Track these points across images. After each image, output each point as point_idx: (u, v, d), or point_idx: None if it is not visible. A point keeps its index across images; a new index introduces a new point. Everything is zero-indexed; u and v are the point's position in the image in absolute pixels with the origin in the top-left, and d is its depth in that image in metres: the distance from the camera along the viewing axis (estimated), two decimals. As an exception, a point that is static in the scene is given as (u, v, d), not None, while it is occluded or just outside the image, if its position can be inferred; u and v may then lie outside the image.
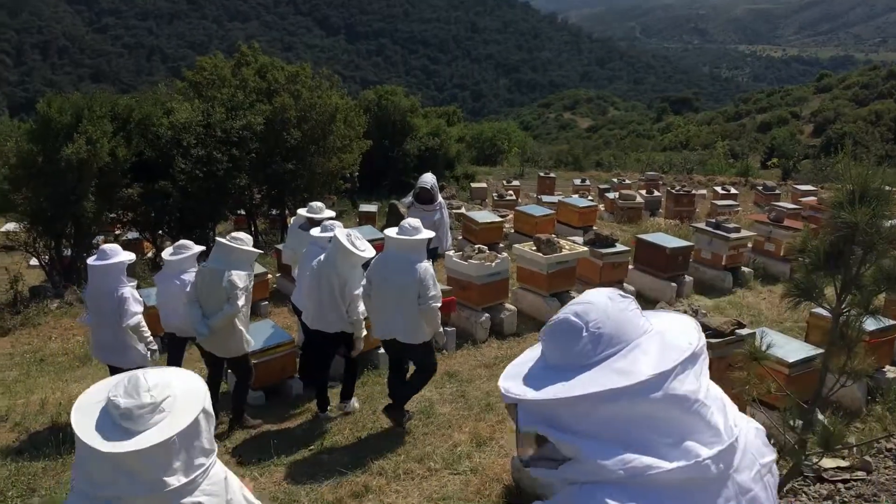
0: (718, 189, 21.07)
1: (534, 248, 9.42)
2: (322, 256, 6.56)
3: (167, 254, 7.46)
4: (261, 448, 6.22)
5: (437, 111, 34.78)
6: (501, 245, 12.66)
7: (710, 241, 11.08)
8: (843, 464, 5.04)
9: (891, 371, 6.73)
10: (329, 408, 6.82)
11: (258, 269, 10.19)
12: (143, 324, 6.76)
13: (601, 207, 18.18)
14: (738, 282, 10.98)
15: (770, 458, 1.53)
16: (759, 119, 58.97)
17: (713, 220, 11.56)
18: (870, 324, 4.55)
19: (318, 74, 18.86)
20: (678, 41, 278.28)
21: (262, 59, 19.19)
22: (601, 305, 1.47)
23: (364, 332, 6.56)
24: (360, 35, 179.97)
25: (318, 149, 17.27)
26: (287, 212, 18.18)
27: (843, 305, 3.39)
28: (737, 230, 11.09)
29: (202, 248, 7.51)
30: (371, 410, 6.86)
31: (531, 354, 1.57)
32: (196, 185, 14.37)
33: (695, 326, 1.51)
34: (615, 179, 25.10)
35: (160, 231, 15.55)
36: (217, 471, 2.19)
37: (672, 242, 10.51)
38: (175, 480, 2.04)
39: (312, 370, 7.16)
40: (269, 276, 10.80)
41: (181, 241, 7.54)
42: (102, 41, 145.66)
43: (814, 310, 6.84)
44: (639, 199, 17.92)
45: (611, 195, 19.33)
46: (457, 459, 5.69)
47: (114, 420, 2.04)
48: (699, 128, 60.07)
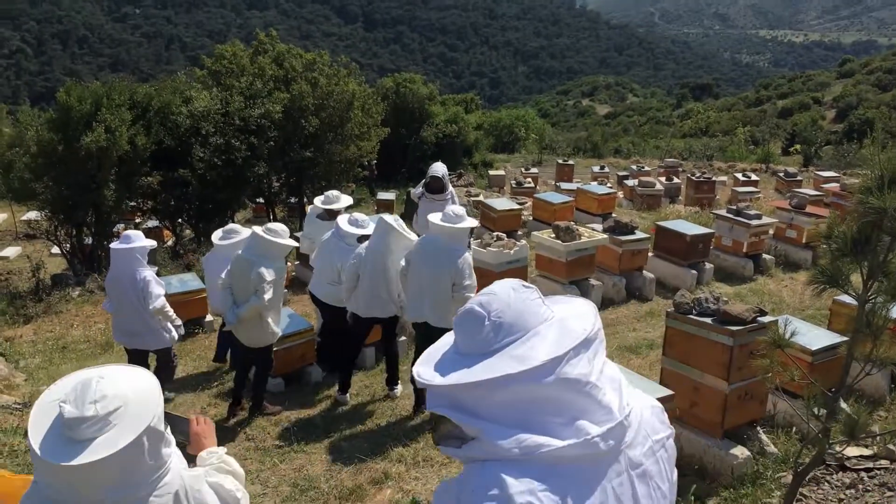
0: (739, 176, 20.88)
1: (552, 236, 9.37)
2: (365, 246, 6.60)
3: (216, 238, 7.60)
4: (281, 435, 6.25)
5: (455, 99, 34.71)
6: (520, 232, 12.62)
7: (731, 228, 10.98)
8: (867, 452, 4.98)
9: (915, 359, 6.63)
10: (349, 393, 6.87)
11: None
12: (168, 305, 6.81)
13: (620, 195, 18.06)
14: (760, 269, 10.87)
15: (664, 435, 1.62)
16: (780, 105, 58.41)
17: (734, 207, 11.45)
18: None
19: (336, 62, 18.84)
20: (698, 26, 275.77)
21: (280, 48, 19.20)
22: (503, 296, 1.55)
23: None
24: (378, 23, 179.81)
25: (336, 136, 17.28)
26: (305, 200, 18.22)
27: (870, 292, 3.34)
28: (758, 217, 10.98)
29: (248, 232, 7.61)
30: (390, 398, 6.87)
31: (447, 340, 1.65)
32: (215, 174, 14.42)
33: (593, 312, 1.58)
34: (634, 166, 24.93)
35: (179, 219, 15.63)
36: (168, 482, 2.13)
37: (692, 229, 10.42)
38: (113, 495, 2.01)
39: (338, 355, 7.16)
40: (288, 265, 10.82)
41: (230, 226, 7.71)
42: (122, 30, 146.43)
43: (837, 297, 6.77)
44: (658, 187, 17.80)
45: (630, 182, 19.20)
46: (475, 447, 5.67)
47: (60, 426, 2.00)
48: (719, 114, 59.55)
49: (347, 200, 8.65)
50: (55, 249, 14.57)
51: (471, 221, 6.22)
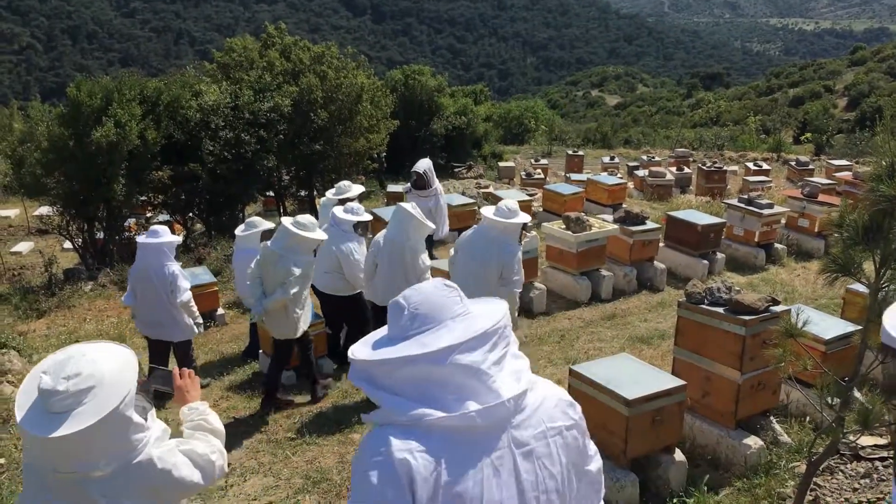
0: (750, 165, 20.74)
1: (563, 227, 9.35)
2: (382, 234, 6.63)
3: (239, 230, 7.90)
4: (293, 426, 6.27)
5: (465, 90, 34.60)
6: (530, 224, 12.57)
7: (743, 218, 10.93)
8: (881, 441, 4.96)
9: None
10: None
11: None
12: (192, 300, 7.09)
13: (630, 185, 17.99)
14: (772, 258, 10.82)
15: (562, 424, 1.86)
16: (792, 93, 58.04)
17: (745, 197, 11.38)
18: (909, 299, 4.46)
19: (344, 54, 18.82)
20: (708, 15, 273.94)
21: (287, 40, 19.18)
22: (425, 291, 1.85)
23: None
24: (386, 15, 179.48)
25: (346, 129, 17.26)
26: (315, 193, 18.23)
27: (882, 281, 3.31)
28: (769, 206, 10.92)
29: (270, 226, 7.78)
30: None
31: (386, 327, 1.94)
32: (225, 167, 14.43)
33: (501, 312, 1.84)
34: (645, 157, 24.82)
35: (190, 213, 15.66)
36: (137, 462, 2.19)
37: (703, 219, 10.38)
38: (83, 468, 2.09)
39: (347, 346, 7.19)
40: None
41: (251, 218, 8.01)
42: (131, 25, 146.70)
43: (850, 286, 6.74)
44: (669, 177, 17.72)
45: (640, 173, 19.12)
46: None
47: (39, 396, 2.08)
48: (730, 103, 59.23)
49: (359, 189, 8.68)
50: (67, 244, 14.62)
51: (523, 217, 6.23)
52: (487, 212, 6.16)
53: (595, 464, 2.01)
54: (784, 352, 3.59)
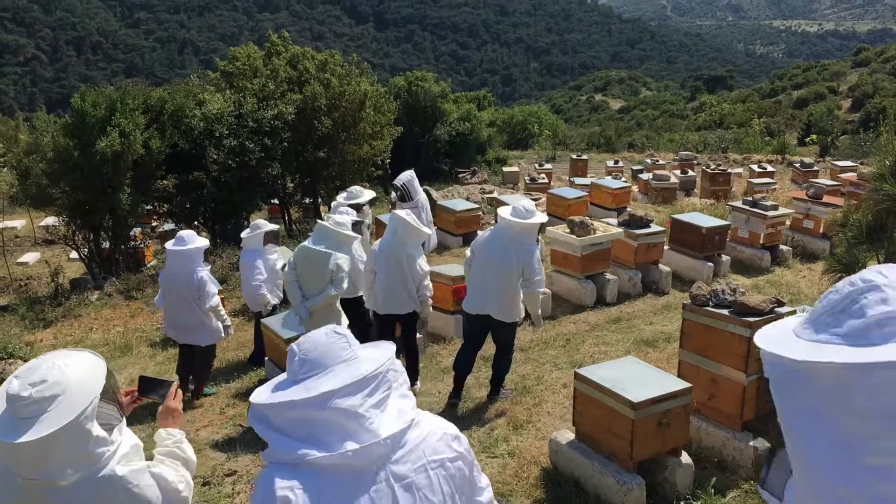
0: (755, 167, 20.71)
1: (567, 231, 9.34)
2: (380, 242, 6.65)
3: (245, 233, 7.96)
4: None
5: (468, 96, 34.70)
6: (547, 223, 12.55)
7: (747, 220, 10.90)
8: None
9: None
10: None
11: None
12: (221, 304, 7.26)
13: (635, 189, 17.97)
14: (777, 260, 10.79)
15: (445, 456, 1.97)
16: (796, 95, 57.90)
17: (750, 199, 11.36)
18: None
19: (348, 62, 18.88)
20: (711, 18, 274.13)
21: (293, 49, 19.26)
22: (314, 338, 1.96)
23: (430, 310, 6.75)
24: (389, 22, 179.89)
25: (349, 136, 17.31)
26: (320, 200, 18.26)
27: (887, 280, 3.30)
28: (774, 208, 10.89)
29: (274, 227, 7.88)
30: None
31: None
32: (229, 175, 14.48)
33: (386, 357, 1.95)
34: (649, 160, 24.81)
35: (195, 221, 15.72)
36: (101, 475, 2.18)
37: (708, 222, 10.35)
38: (44, 475, 2.09)
39: None
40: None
41: (255, 221, 8.05)
42: (135, 36, 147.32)
43: None
44: (673, 180, 17.69)
45: (644, 176, 19.09)
46: (494, 443, 5.68)
47: (6, 401, 2.09)
48: (734, 106, 59.10)
49: (370, 195, 8.69)
50: (73, 254, 14.69)
51: (541, 216, 6.23)
52: (504, 212, 6.13)
53: (486, 495, 2.16)
54: (789, 352, 3.58)
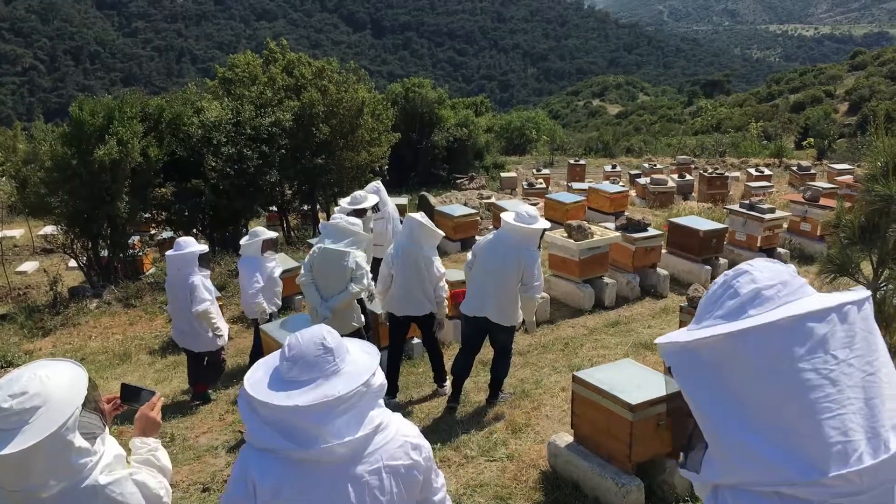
0: (752, 171, 20.77)
1: (565, 235, 9.37)
2: (395, 245, 6.67)
3: (244, 240, 7.93)
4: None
5: (465, 102, 34.68)
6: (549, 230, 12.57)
7: (745, 223, 10.94)
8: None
9: (933, 348, 6.59)
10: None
11: (291, 264, 10.27)
12: (212, 311, 7.20)
13: (632, 193, 18.02)
14: (774, 263, 10.82)
15: (400, 463, 2.19)
16: (793, 99, 58.06)
17: (747, 202, 11.40)
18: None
19: (345, 69, 18.92)
20: (707, 23, 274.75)
21: (290, 56, 19.30)
22: (304, 349, 2.15)
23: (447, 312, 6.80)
24: (387, 30, 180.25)
25: (347, 143, 17.33)
26: (318, 207, 18.27)
27: (880, 280, 3.33)
28: (771, 211, 10.94)
29: (272, 235, 7.86)
30: (406, 400, 6.89)
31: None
32: (227, 183, 14.48)
33: (368, 373, 2.14)
34: (646, 164, 24.85)
35: (194, 229, 15.71)
36: (83, 486, 2.16)
37: (705, 225, 10.40)
38: (26, 487, 2.08)
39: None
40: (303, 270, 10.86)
41: (254, 228, 8.05)
42: (133, 45, 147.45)
43: (853, 288, 6.74)
44: (670, 184, 17.74)
45: (642, 181, 19.14)
46: (493, 447, 5.69)
47: None
48: (731, 110, 59.25)
49: (374, 199, 8.70)
50: (72, 263, 14.68)
51: (544, 222, 6.26)
52: (508, 217, 6.15)
53: (440, 495, 2.42)
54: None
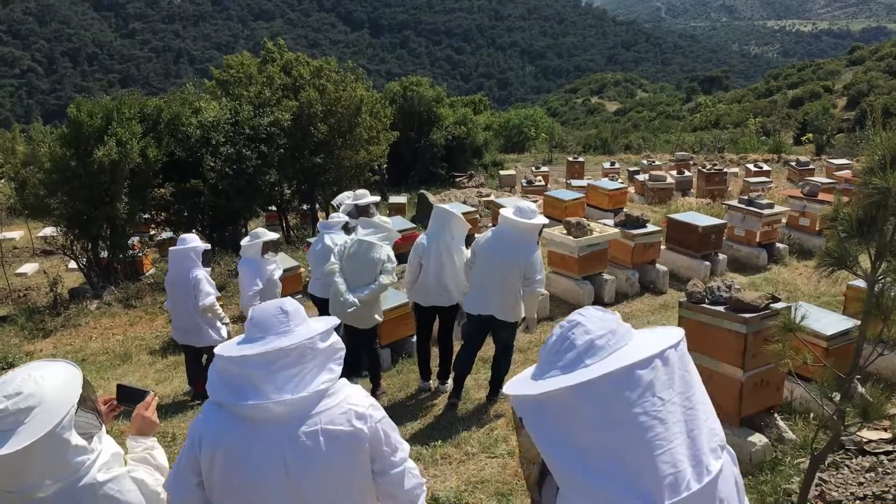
0: (751, 166, 20.76)
1: (564, 232, 9.38)
2: (426, 236, 6.65)
3: (244, 241, 7.87)
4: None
5: (464, 100, 34.71)
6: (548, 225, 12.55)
7: (743, 218, 10.95)
8: (886, 436, 4.97)
9: (932, 342, 6.59)
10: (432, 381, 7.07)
11: (291, 264, 10.28)
12: (217, 304, 7.25)
13: (631, 190, 18.02)
14: (773, 258, 10.84)
15: (340, 428, 2.27)
16: (791, 94, 58.05)
17: (745, 198, 11.41)
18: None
19: (343, 68, 18.92)
20: (705, 19, 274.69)
21: (288, 56, 19.31)
22: (263, 311, 2.33)
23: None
24: (384, 29, 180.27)
25: (346, 142, 17.35)
26: (317, 206, 18.28)
27: (879, 273, 3.33)
28: (770, 206, 10.94)
29: (274, 236, 7.79)
30: (407, 397, 6.90)
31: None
32: (226, 183, 14.50)
33: (316, 331, 2.29)
34: (645, 161, 24.85)
35: (193, 229, 15.72)
36: (80, 484, 2.17)
37: (704, 221, 10.40)
38: (22, 488, 2.07)
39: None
40: (302, 270, 10.88)
41: (255, 230, 7.98)
42: (130, 46, 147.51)
43: (851, 282, 6.75)
44: (669, 180, 17.75)
45: (640, 177, 19.14)
46: (493, 443, 5.70)
47: None
48: (729, 106, 59.27)
49: (375, 198, 8.72)
50: (72, 264, 14.68)
51: (542, 218, 6.28)
52: (507, 213, 6.15)
53: (397, 469, 2.44)
54: (784, 347, 3.61)
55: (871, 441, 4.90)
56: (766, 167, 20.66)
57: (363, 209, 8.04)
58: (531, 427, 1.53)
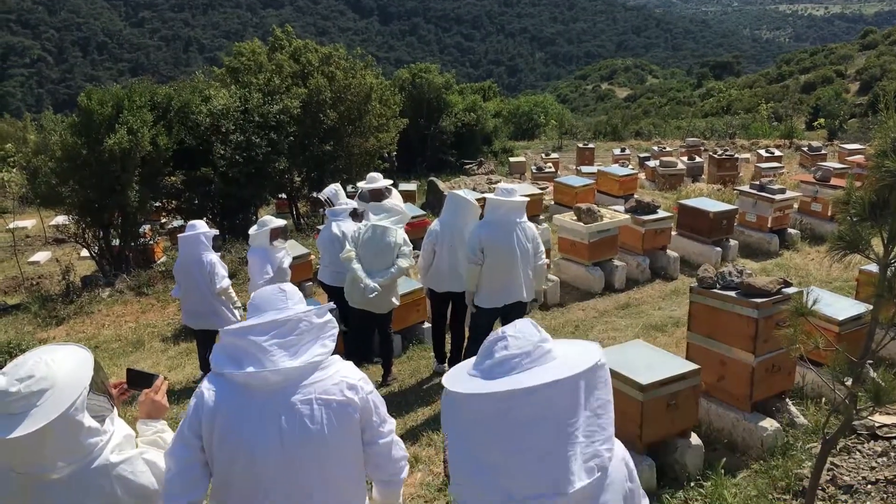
0: (762, 152, 20.61)
1: (574, 218, 9.36)
2: (440, 222, 6.68)
3: (252, 229, 7.88)
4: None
5: (473, 87, 34.60)
6: (542, 217, 12.59)
7: (755, 204, 10.90)
8: (898, 420, 4.95)
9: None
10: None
11: (301, 251, 10.30)
12: (231, 287, 7.40)
13: (642, 176, 17.94)
14: (785, 244, 10.79)
15: (333, 398, 2.47)
16: (803, 79, 57.51)
17: (757, 183, 11.35)
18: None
19: (352, 55, 18.88)
20: (716, 4, 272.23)
21: (297, 43, 19.27)
22: (264, 292, 2.58)
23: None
24: (393, 15, 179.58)
25: (355, 129, 17.33)
26: (328, 194, 18.25)
27: (891, 256, 3.31)
28: (782, 191, 10.88)
29: (281, 223, 7.78)
30: (417, 383, 6.92)
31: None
32: (237, 171, 14.52)
33: (305, 309, 2.51)
34: (656, 147, 24.72)
35: (204, 217, 15.76)
36: (93, 466, 2.19)
37: (715, 206, 10.36)
38: (38, 470, 2.10)
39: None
40: (313, 258, 10.91)
41: (262, 218, 7.99)
42: (140, 35, 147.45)
43: (864, 267, 6.71)
44: (680, 166, 17.66)
45: (651, 163, 19.05)
46: (504, 428, 5.70)
47: None
48: (741, 92, 58.77)
49: (387, 182, 8.72)
50: (84, 252, 14.76)
51: (523, 195, 6.37)
52: (496, 196, 6.11)
53: (384, 439, 2.63)
54: (795, 332, 3.59)
55: (884, 425, 4.89)
56: (778, 152, 20.50)
57: (376, 193, 8.02)
58: (443, 414, 1.78)
